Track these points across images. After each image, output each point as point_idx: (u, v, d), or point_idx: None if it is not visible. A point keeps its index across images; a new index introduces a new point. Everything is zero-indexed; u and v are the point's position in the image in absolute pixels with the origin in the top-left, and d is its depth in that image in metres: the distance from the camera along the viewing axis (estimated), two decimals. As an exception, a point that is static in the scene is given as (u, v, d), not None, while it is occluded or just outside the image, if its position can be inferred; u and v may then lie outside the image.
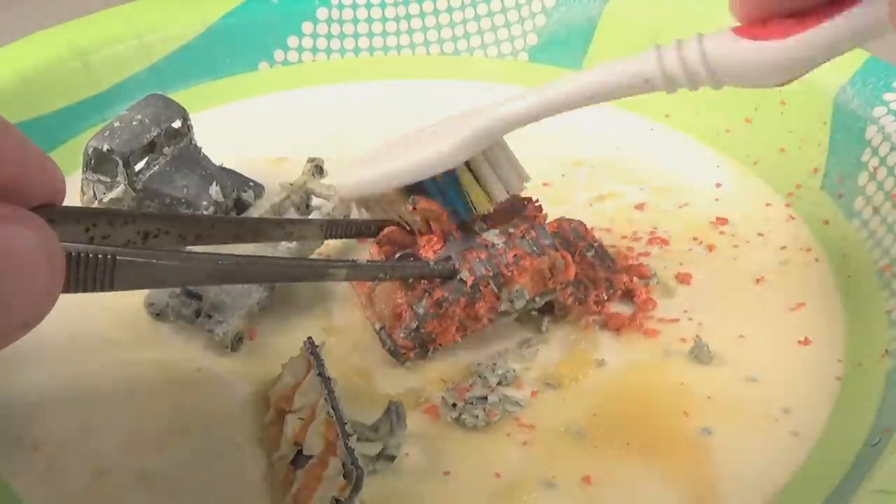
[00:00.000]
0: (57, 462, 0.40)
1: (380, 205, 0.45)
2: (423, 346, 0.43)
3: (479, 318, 0.43)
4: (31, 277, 0.26)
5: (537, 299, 0.44)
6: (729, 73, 0.37)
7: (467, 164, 0.42)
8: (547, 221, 0.45)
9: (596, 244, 0.47)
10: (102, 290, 0.31)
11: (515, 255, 0.43)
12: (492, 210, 0.44)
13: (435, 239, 0.43)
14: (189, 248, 0.39)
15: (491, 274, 0.43)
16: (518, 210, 0.45)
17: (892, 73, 0.53)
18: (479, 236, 0.44)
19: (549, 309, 0.45)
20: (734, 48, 0.36)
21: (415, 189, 0.43)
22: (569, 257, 0.44)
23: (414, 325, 0.43)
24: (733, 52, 0.36)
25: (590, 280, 0.46)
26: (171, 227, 0.37)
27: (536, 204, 0.45)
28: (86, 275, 0.30)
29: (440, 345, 0.43)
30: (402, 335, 0.43)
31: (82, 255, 0.30)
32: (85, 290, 0.31)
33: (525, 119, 0.41)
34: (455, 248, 0.43)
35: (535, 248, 0.43)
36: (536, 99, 0.40)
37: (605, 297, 0.46)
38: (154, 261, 0.33)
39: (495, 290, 0.43)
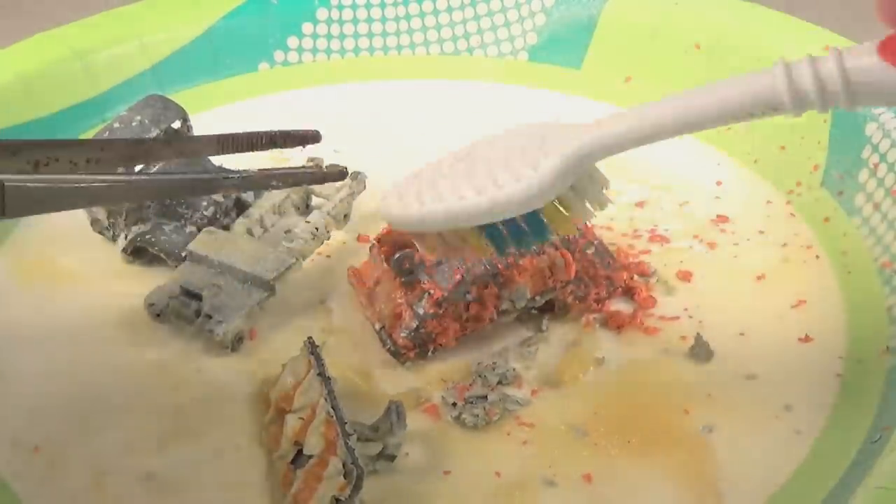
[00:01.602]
0: (57, 463, 0.40)
1: (441, 238, 0.38)
2: (423, 346, 0.43)
3: (480, 318, 0.43)
4: None
5: (537, 298, 0.44)
6: (874, 98, 0.33)
7: None
8: None
9: (596, 241, 0.47)
10: None
11: (515, 255, 0.43)
12: (574, 233, 0.41)
13: None
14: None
15: (491, 273, 0.43)
16: None
17: (893, 69, 0.52)
18: None
19: (549, 307, 0.45)
20: (883, 72, 0.32)
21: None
22: (569, 256, 0.44)
23: (414, 325, 0.43)
24: (883, 76, 0.32)
25: (590, 278, 0.46)
26: (60, 153, 0.37)
27: None
28: None
29: (440, 345, 0.43)
30: (402, 335, 0.43)
31: None
32: None
33: (624, 145, 0.35)
34: None
35: (534, 248, 0.43)
36: (638, 123, 0.35)
37: (605, 295, 0.46)
38: (43, 185, 0.32)
39: (496, 289, 0.43)
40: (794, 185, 0.53)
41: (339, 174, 0.41)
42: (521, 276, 0.43)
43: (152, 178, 0.37)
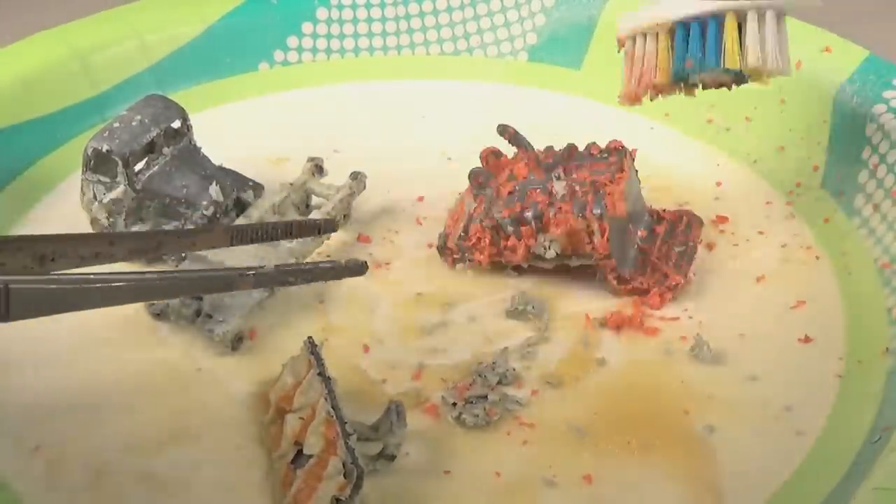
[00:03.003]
0: (57, 463, 0.40)
1: (650, 37, 0.48)
2: (461, 256, 0.49)
3: (515, 251, 0.47)
4: None
5: (574, 258, 0.46)
6: None
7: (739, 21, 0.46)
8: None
9: (690, 244, 0.48)
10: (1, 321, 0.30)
11: (561, 209, 0.46)
12: (738, 67, 0.46)
13: (522, 166, 0.50)
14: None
15: (535, 215, 0.46)
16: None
17: (892, 70, 0.53)
18: (550, 182, 0.48)
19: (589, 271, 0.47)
20: None
21: (683, 26, 0.47)
22: (605, 226, 0.45)
23: (461, 233, 0.48)
24: None
25: (653, 269, 0.47)
26: (68, 247, 0.36)
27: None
28: None
29: (476, 261, 0.48)
30: (454, 239, 0.49)
31: None
32: None
33: None
34: (525, 185, 0.48)
35: (579, 210, 0.45)
36: None
37: (647, 286, 0.47)
38: (49, 286, 0.31)
39: (535, 230, 0.46)
40: (793, 186, 0.53)
41: (358, 268, 0.41)
42: (557, 228, 0.46)
43: (167, 275, 0.36)
